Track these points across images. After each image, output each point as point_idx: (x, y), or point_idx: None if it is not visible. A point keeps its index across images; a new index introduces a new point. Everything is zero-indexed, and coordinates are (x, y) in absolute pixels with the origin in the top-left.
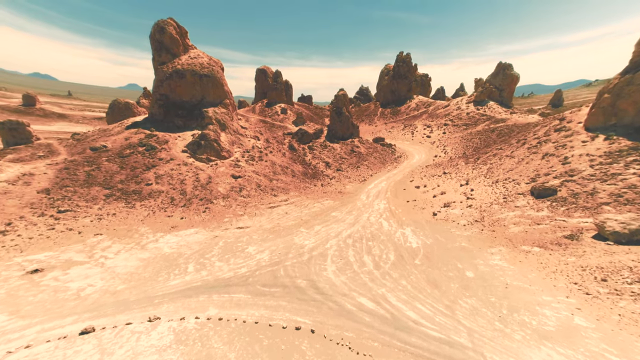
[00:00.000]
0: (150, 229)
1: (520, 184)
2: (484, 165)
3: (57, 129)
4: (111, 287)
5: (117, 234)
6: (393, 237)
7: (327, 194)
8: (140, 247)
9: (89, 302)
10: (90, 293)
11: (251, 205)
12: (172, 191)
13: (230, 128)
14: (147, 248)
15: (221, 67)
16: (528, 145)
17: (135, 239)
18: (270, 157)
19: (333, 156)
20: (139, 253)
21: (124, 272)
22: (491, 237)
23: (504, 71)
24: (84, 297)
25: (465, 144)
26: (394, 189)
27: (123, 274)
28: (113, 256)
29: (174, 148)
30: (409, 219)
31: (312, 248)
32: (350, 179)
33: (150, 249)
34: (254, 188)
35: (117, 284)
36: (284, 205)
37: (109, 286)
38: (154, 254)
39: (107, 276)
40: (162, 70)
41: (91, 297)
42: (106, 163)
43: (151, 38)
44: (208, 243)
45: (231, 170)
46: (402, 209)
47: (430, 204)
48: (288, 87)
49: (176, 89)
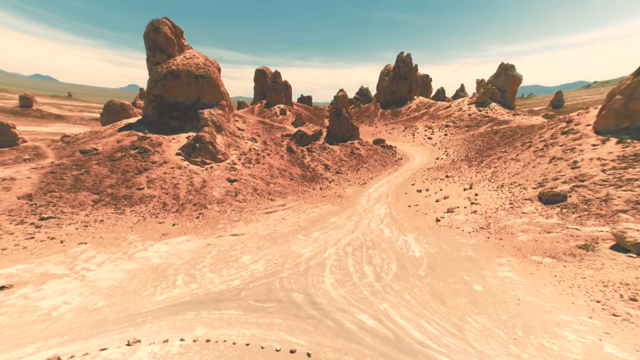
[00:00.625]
0: (140, 237)
1: (527, 189)
2: (488, 168)
3: (53, 130)
4: (90, 304)
5: (103, 242)
6: (395, 245)
7: (326, 198)
8: (128, 257)
9: (61, 323)
10: (64, 312)
11: (247, 210)
12: (165, 196)
13: (227, 130)
14: (134, 258)
15: (217, 68)
16: (534, 149)
17: (123, 248)
18: (268, 159)
19: (332, 158)
20: (125, 264)
21: (107, 285)
22: (498, 246)
23: (506, 72)
24: (56, 318)
25: (467, 146)
26: (395, 192)
27: (105, 288)
28: (96, 268)
29: (167, 151)
30: (411, 226)
31: (309, 257)
32: (350, 182)
33: (137, 259)
34: (250, 192)
35: (96, 300)
36: (281, 211)
37: (88, 303)
38: (141, 264)
39: (87, 291)
40: (156, 70)
41: (64, 317)
42: (96, 167)
43: (145, 38)
44: (200, 252)
45: (227, 174)
46: (404, 215)
47: (433, 209)
48: (287, 87)
49: (171, 89)
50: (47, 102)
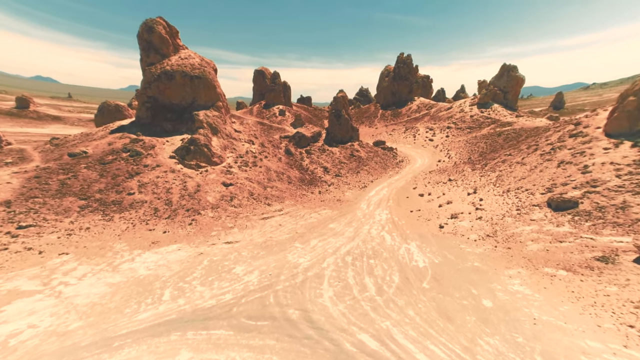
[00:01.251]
0: (127, 246)
1: (534, 194)
2: (492, 172)
3: (49, 131)
4: (61, 325)
5: (86, 252)
6: (397, 254)
7: (324, 203)
8: (112, 268)
9: (18, 355)
10: (27, 339)
11: (242, 216)
12: (157, 201)
13: (223, 132)
14: (119, 270)
15: (214, 68)
16: (540, 152)
17: (108, 259)
18: (265, 162)
19: (332, 161)
20: (108, 276)
21: (85, 302)
22: (507, 256)
23: (508, 73)
24: (12, 348)
25: (470, 148)
26: (396, 196)
27: (83, 306)
28: (76, 282)
29: (161, 154)
30: (414, 232)
31: (307, 267)
32: (349, 185)
33: (123, 271)
34: (246, 197)
35: (70, 321)
36: (278, 216)
37: (59, 325)
38: (126, 277)
39: (61, 310)
40: (150, 71)
41: (25, 345)
42: (84, 170)
43: (139, 38)
44: (191, 262)
45: (222, 178)
46: (406, 220)
47: (436, 214)
48: (286, 88)
49: (165, 91)
50: (46, 103)
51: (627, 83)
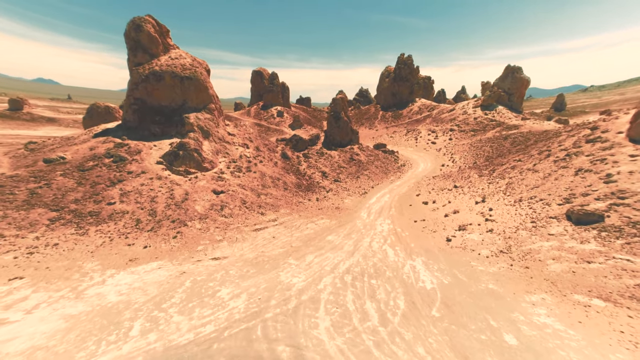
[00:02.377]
0: (100, 265)
1: (550, 205)
2: (501, 179)
3: (42, 133)
4: None
5: (47, 275)
6: (401, 273)
7: (322, 211)
8: (76, 294)
9: None
10: None
11: (233, 227)
12: (140, 211)
13: (215, 135)
14: (84, 296)
15: (206, 69)
16: (554, 158)
17: (73, 282)
18: (260, 167)
19: (330, 165)
20: (69, 306)
21: (24, 348)
22: (526, 277)
23: (513, 74)
24: None
25: (475, 152)
26: (399, 204)
27: (17, 354)
28: (22, 316)
29: (147, 159)
30: (419, 246)
31: (301, 289)
32: (349, 191)
33: (88, 298)
34: (238, 205)
35: None
36: (272, 227)
37: None
38: (91, 305)
39: None
40: (137, 71)
41: None
42: (60, 178)
43: (126, 36)
44: (171, 283)
45: (213, 185)
46: (410, 232)
47: (442, 225)
48: (285, 89)
49: (153, 92)
50: (45, 104)
51: (625, 86)
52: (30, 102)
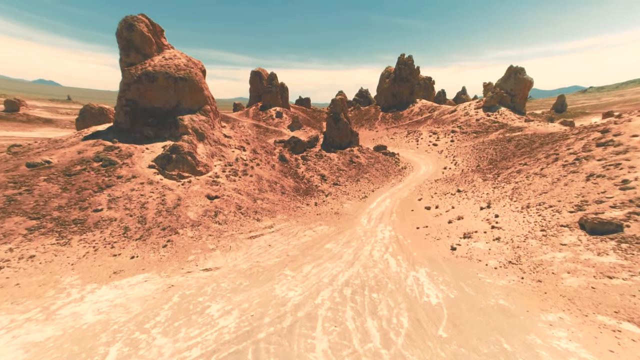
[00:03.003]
0: (80, 279)
1: (561, 212)
2: (507, 183)
3: (38, 135)
4: None
5: (16, 293)
6: (404, 285)
7: (321, 217)
8: (46, 315)
9: None
10: None
11: (227, 235)
12: (128, 219)
13: (210, 138)
14: (56, 317)
15: (201, 69)
16: (562, 162)
17: (45, 300)
18: (257, 170)
19: (329, 168)
20: (34, 331)
21: None
22: (539, 292)
23: (515, 75)
24: None
25: (478, 154)
26: (400, 209)
27: None
28: None
29: (138, 163)
30: (422, 255)
31: (297, 305)
32: (348, 195)
33: (60, 319)
34: (233, 211)
35: None
36: (268, 235)
37: None
38: (63, 328)
39: None
40: (129, 72)
41: None
42: (44, 184)
43: (118, 36)
44: (157, 299)
45: (207, 189)
46: (412, 239)
47: (446, 232)
48: (284, 89)
49: (146, 93)
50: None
51: (623, 88)
52: (27, 103)
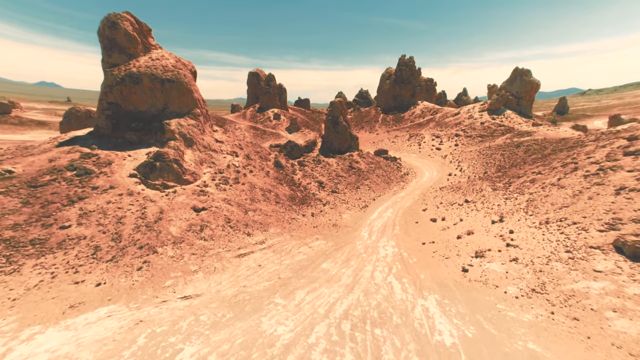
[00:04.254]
0: (18, 319)
1: (588, 231)
2: (520, 194)
3: (29, 137)
4: None
5: None
6: (412, 318)
7: (317, 229)
8: None
9: None
10: None
11: (212, 253)
12: (101, 236)
13: (200, 143)
14: None
15: (191, 70)
16: (583, 172)
17: None
18: (250, 177)
19: (328, 174)
20: None
21: None
22: (579, 336)
23: (521, 77)
24: None
25: (484, 160)
26: (404, 220)
27: None
28: None
29: (118, 171)
30: (430, 277)
31: (287, 345)
32: (348, 204)
33: None
34: (221, 225)
35: None
36: (259, 252)
37: None
38: None
39: None
40: (111, 73)
41: None
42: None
43: (99, 35)
44: (118, 342)
45: (193, 200)
46: (418, 257)
47: (455, 249)
48: (282, 91)
49: (130, 96)
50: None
51: (621, 91)
52: (28, 105)
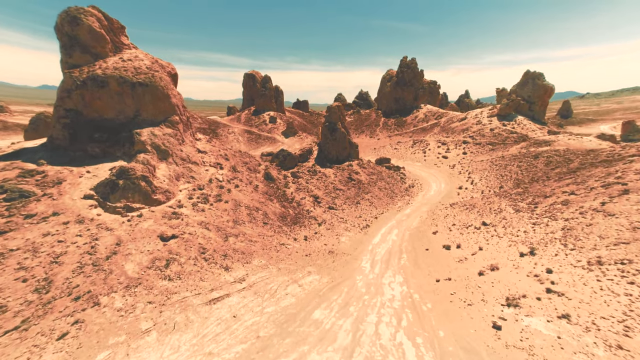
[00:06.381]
0: None
1: None
2: (551, 219)
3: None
4: None
5: None
6: None
7: (311, 258)
8: None
9: None
10: None
11: (176, 299)
12: (18, 286)
13: (177, 155)
14: None
15: (170, 73)
16: (638, 196)
17: None
18: (235, 193)
19: (324, 187)
20: None
21: None
22: None
23: (533, 81)
24: None
25: (498, 172)
26: (411, 246)
27: None
28: None
29: (69, 192)
30: (452, 336)
31: None
32: (346, 223)
33: None
34: (194, 257)
35: None
36: (236, 295)
37: None
38: None
39: None
40: (70, 75)
41: None
42: None
43: (57, 31)
44: None
45: (162, 226)
46: (433, 302)
47: (479, 291)
48: (278, 93)
49: (93, 102)
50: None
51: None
52: (11, 108)
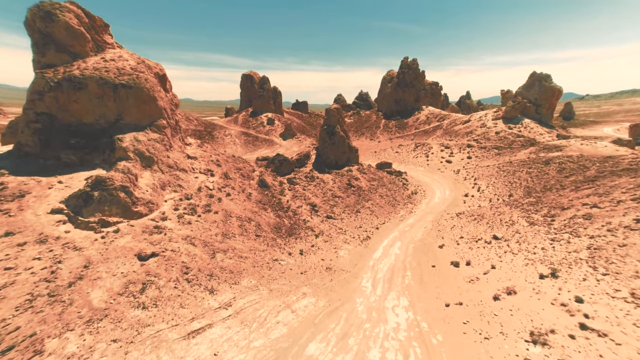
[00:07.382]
0: None
1: None
2: (573, 235)
3: None
4: None
5: None
6: None
7: (306, 277)
8: None
9: None
10: None
11: (148, 333)
12: None
13: (163, 162)
14: None
15: (157, 74)
16: None
17: None
18: (226, 203)
19: (322, 194)
20: None
21: None
22: None
23: (540, 83)
24: None
25: (507, 178)
26: (416, 262)
27: None
28: None
29: (34, 207)
30: None
31: None
32: (346, 234)
33: None
34: (175, 279)
35: None
36: (220, 325)
37: None
38: None
39: None
40: (43, 76)
41: None
42: None
43: (28, 27)
44: None
45: (141, 243)
46: (444, 332)
47: (496, 320)
48: (277, 94)
49: (69, 105)
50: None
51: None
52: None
